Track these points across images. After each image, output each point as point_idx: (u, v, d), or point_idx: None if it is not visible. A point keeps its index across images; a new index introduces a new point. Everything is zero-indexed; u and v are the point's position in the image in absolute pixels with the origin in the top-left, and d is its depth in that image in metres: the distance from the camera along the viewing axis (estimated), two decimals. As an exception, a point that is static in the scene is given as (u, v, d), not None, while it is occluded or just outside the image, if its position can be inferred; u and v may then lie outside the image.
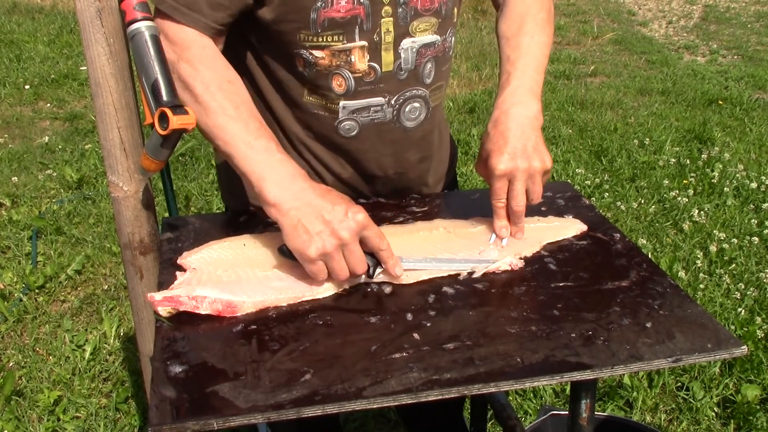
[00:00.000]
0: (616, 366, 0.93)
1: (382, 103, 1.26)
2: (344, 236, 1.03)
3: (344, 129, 1.28)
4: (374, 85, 1.24)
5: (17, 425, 2.15)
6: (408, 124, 1.31)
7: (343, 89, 1.23)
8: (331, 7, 1.16)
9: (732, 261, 2.99)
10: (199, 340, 0.98)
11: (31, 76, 5.33)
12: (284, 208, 1.05)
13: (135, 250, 1.33)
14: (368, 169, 1.34)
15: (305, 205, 1.04)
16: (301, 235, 1.03)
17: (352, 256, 1.04)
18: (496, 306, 1.05)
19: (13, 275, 2.89)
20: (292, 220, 1.04)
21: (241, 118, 1.10)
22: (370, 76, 1.23)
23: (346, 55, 1.20)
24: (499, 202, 1.20)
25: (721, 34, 7.30)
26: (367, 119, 1.28)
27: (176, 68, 1.12)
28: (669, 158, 4.03)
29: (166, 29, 1.14)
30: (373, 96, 1.25)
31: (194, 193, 3.64)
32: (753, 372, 2.33)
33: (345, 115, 1.26)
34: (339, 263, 1.04)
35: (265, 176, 1.07)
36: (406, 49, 1.23)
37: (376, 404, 0.87)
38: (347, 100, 1.25)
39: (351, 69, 1.22)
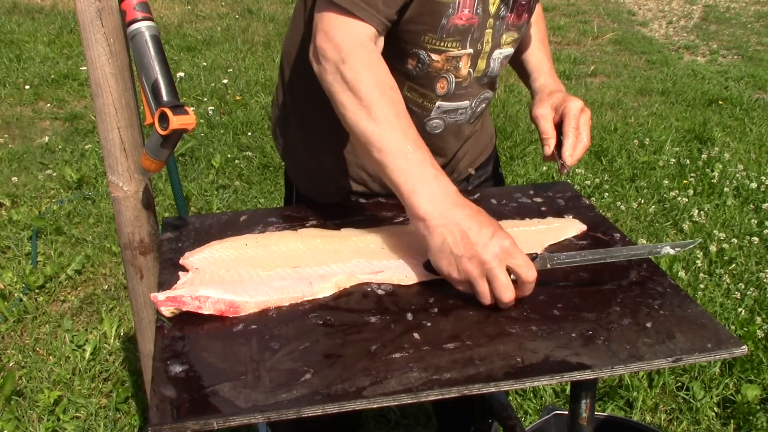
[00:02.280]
0: (616, 366, 0.93)
1: (466, 106, 1.36)
2: (488, 260, 1.00)
3: (431, 126, 1.35)
4: (466, 90, 1.32)
5: (17, 425, 2.15)
6: (473, 121, 1.42)
7: (444, 91, 1.30)
8: (456, 14, 1.20)
9: (732, 261, 2.99)
10: (200, 340, 0.98)
11: (31, 76, 5.33)
12: (432, 225, 1.04)
13: (135, 250, 1.33)
14: (437, 157, 1.36)
15: (452, 224, 1.02)
16: (446, 256, 1.03)
17: (496, 282, 1.00)
18: (496, 306, 1.05)
19: (13, 275, 2.89)
20: (439, 238, 1.03)
21: (401, 128, 1.08)
22: (466, 81, 1.31)
23: (456, 61, 1.27)
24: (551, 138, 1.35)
25: (721, 34, 7.29)
26: (452, 120, 1.36)
27: (340, 68, 1.09)
28: (669, 158, 4.03)
29: (333, 29, 1.11)
30: (462, 99, 1.34)
31: (194, 193, 3.64)
32: (753, 372, 2.33)
33: (436, 114, 1.33)
34: (483, 287, 1.02)
35: (417, 190, 1.05)
36: (495, 59, 1.32)
37: (376, 404, 0.87)
38: (443, 101, 1.31)
39: (456, 74, 1.28)
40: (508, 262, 1.01)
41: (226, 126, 4.46)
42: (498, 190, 1.45)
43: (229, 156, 4.03)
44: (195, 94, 5.02)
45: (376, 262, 1.15)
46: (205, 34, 6.54)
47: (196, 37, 6.46)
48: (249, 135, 4.33)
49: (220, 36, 6.52)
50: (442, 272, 1.05)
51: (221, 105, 4.85)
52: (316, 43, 1.13)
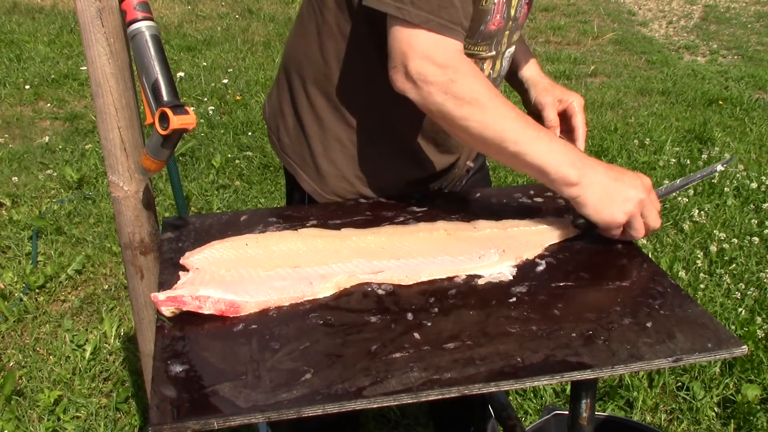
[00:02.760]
0: (617, 366, 0.93)
1: None
2: (642, 196, 1.15)
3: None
4: None
5: (17, 425, 2.16)
6: None
7: None
8: (491, 20, 1.24)
9: (732, 261, 2.99)
10: (200, 340, 0.98)
11: (31, 76, 5.33)
12: (586, 184, 1.15)
13: (135, 250, 1.33)
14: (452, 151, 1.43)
15: (602, 178, 1.15)
16: (609, 205, 1.15)
17: (650, 212, 1.16)
18: (496, 306, 1.05)
19: (14, 275, 2.89)
20: (597, 193, 1.15)
21: (521, 119, 1.17)
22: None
23: (481, 63, 1.30)
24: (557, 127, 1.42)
25: (721, 34, 7.29)
26: None
27: (450, 88, 1.13)
28: (669, 158, 4.03)
29: (429, 51, 1.13)
30: None
31: (194, 193, 3.64)
32: (753, 372, 2.33)
33: None
34: (639, 222, 1.16)
35: (560, 162, 1.15)
36: (506, 58, 1.37)
37: (377, 404, 0.87)
38: None
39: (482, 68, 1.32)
40: (651, 195, 1.17)
41: (226, 126, 4.46)
42: (498, 190, 1.45)
43: (230, 156, 4.03)
44: (195, 94, 5.02)
45: (377, 262, 1.15)
46: (205, 34, 6.54)
47: (196, 37, 6.46)
48: (249, 135, 4.33)
49: (220, 36, 6.52)
50: (604, 221, 1.17)
51: (221, 105, 4.85)
52: (411, 67, 1.14)
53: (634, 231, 1.17)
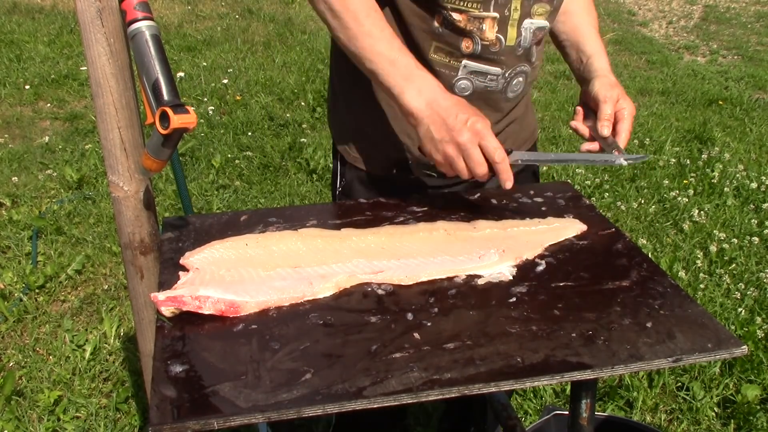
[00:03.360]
0: (617, 366, 0.93)
1: (498, 73, 1.39)
2: (462, 142, 1.16)
3: (459, 87, 1.38)
4: (497, 56, 1.36)
5: (17, 425, 2.16)
6: (510, 95, 1.44)
7: (470, 50, 1.34)
8: None
9: (732, 261, 2.99)
10: (200, 340, 0.98)
11: (31, 76, 5.33)
12: (419, 116, 1.19)
13: (135, 250, 1.33)
14: None
15: (435, 114, 1.18)
16: (430, 141, 1.19)
17: (470, 161, 1.17)
18: (496, 306, 1.05)
19: (14, 275, 2.89)
20: (424, 126, 1.19)
21: (386, 39, 1.21)
22: (495, 46, 1.34)
23: (479, 22, 1.31)
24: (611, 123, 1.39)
25: (721, 34, 7.29)
26: (482, 85, 1.39)
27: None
28: (669, 158, 4.03)
29: None
30: (492, 65, 1.37)
31: (194, 193, 3.64)
32: (753, 372, 2.33)
33: (463, 74, 1.37)
34: (460, 165, 1.18)
35: (405, 88, 1.19)
36: (527, 28, 1.36)
37: (377, 404, 0.87)
38: (470, 60, 1.35)
39: (481, 36, 1.33)
40: (480, 143, 1.16)
41: (226, 126, 4.46)
42: (498, 190, 1.45)
43: (230, 156, 4.03)
44: (195, 94, 5.02)
45: (376, 262, 1.15)
46: (205, 34, 6.54)
47: (196, 37, 6.46)
48: (249, 135, 4.33)
49: (220, 36, 6.52)
50: (427, 156, 1.21)
51: (221, 105, 4.85)
52: None
53: (458, 173, 1.20)
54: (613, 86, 1.43)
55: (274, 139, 4.30)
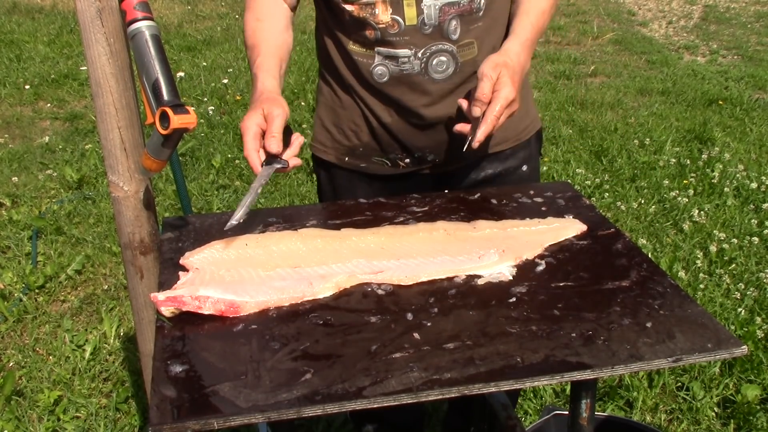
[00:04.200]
0: (616, 366, 0.93)
1: (408, 54, 1.39)
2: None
3: (377, 74, 1.42)
4: (399, 37, 1.37)
5: (17, 425, 2.15)
6: (436, 76, 1.41)
7: (373, 37, 1.38)
8: None
9: (732, 261, 2.99)
10: (200, 340, 0.98)
11: (31, 76, 5.33)
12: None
13: (135, 250, 1.33)
14: (407, 116, 1.46)
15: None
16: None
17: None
18: (496, 306, 1.05)
19: (13, 275, 2.89)
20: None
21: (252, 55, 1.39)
22: (393, 28, 1.36)
23: (371, 8, 1.35)
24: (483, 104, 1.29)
25: (721, 34, 7.29)
26: (396, 69, 1.40)
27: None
28: (669, 158, 4.02)
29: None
30: (399, 47, 1.38)
31: (194, 193, 3.64)
32: (753, 372, 2.33)
33: (379, 61, 1.41)
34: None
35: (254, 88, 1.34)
36: (429, 5, 1.35)
37: (377, 404, 0.87)
38: (379, 46, 1.39)
39: (375, 20, 1.36)
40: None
41: (226, 126, 4.46)
42: (498, 190, 1.45)
43: (229, 156, 4.03)
44: (195, 94, 5.02)
45: (376, 262, 1.15)
46: (205, 34, 6.54)
47: (196, 37, 6.46)
48: (249, 135, 4.33)
49: (220, 36, 6.52)
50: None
51: (221, 105, 4.85)
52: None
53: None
54: (500, 65, 1.29)
55: (274, 139, 4.30)
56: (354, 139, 1.52)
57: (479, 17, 1.40)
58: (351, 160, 1.54)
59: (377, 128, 1.49)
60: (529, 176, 1.59)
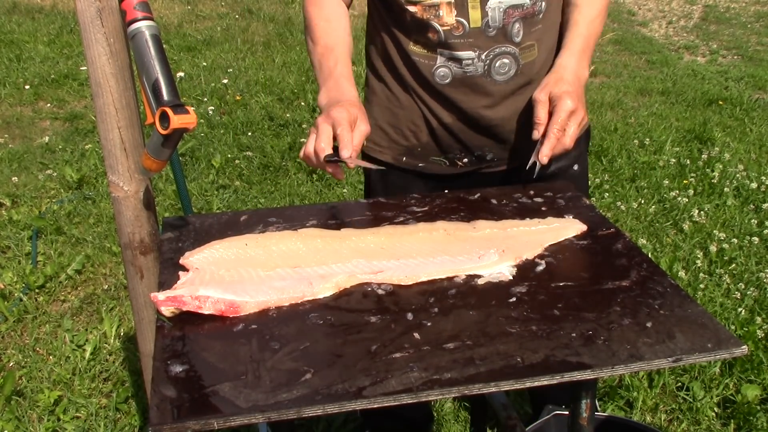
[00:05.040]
0: (616, 366, 0.93)
1: (472, 57, 1.40)
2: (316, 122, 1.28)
3: (439, 75, 1.43)
4: (463, 39, 1.38)
5: (17, 425, 2.15)
6: (498, 78, 1.44)
7: (436, 39, 1.39)
8: None
9: (732, 261, 2.99)
10: (200, 340, 0.98)
11: (31, 76, 5.33)
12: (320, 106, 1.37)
13: (135, 250, 1.33)
14: (468, 117, 1.47)
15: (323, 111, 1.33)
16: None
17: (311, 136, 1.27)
18: (496, 306, 1.05)
19: (13, 275, 2.89)
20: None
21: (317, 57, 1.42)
22: (458, 30, 1.37)
23: (435, 10, 1.36)
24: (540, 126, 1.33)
25: (721, 34, 7.29)
26: (460, 71, 1.42)
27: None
28: (669, 158, 4.02)
29: None
30: (463, 49, 1.39)
31: (194, 193, 3.64)
32: (753, 372, 2.33)
33: (441, 63, 1.42)
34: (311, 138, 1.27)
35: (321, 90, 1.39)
36: (494, 8, 1.37)
37: (377, 404, 0.87)
38: (442, 48, 1.40)
39: (440, 22, 1.37)
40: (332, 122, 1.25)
41: (226, 126, 4.46)
42: (498, 190, 1.45)
43: (229, 156, 4.03)
44: (195, 94, 5.02)
45: (376, 262, 1.15)
46: (205, 34, 6.54)
47: (196, 37, 6.46)
48: (249, 135, 4.33)
49: (220, 36, 6.52)
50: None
51: (221, 105, 4.85)
52: None
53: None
54: (547, 86, 1.34)
55: (274, 139, 4.30)
56: (413, 139, 1.52)
57: (540, 19, 1.43)
58: (408, 160, 1.54)
59: (437, 128, 1.49)
60: (580, 175, 1.59)
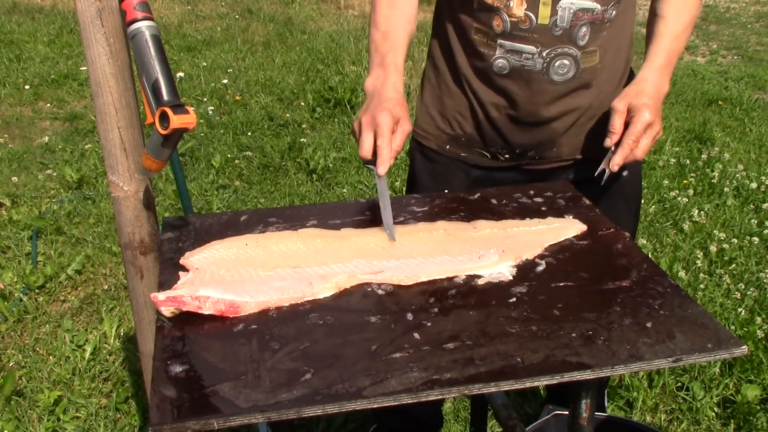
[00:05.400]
0: (616, 366, 0.93)
1: (533, 52, 1.41)
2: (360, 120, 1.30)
3: (497, 66, 1.44)
4: (528, 34, 1.39)
5: (17, 425, 2.15)
6: (555, 78, 1.44)
7: (500, 29, 1.40)
8: None
9: (732, 261, 2.99)
10: (200, 340, 0.98)
11: (31, 76, 5.33)
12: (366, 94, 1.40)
13: (135, 250, 1.33)
14: (518, 113, 1.48)
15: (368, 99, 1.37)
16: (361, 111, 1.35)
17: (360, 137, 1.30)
18: (496, 306, 1.05)
19: (13, 275, 2.89)
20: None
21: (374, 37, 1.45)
22: (525, 23, 1.38)
23: (507, 1, 1.37)
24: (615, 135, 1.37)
25: (721, 34, 7.29)
26: (518, 64, 1.42)
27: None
28: (669, 158, 4.03)
29: None
30: (526, 43, 1.40)
31: (194, 193, 3.64)
32: (753, 372, 2.33)
33: (500, 54, 1.43)
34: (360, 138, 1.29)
35: (370, 73, 1.42)
36: (564, 8, 1.37)
37: (377, 404, 0.87)
38: (504, 39, 1.41)
39: (509, 12, 1.38)
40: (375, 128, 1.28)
41: (226, 126, 4.46)
42: (498, 190, 1.45)
43: (229, 156, 4.03)
44: (195, 94, 5.02)
45: (376, 262, 1.15)
46: (205, 34, 6.54)
47: (196, 37, 6.46)
48: (249, 135, 4.33)
49: (220, 36, 6.52)
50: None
51: (221, 105, 4.85)
52: None
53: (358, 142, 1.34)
54: (627, 96, 1.37)
55: (274, 139, 4.30)
56: (458, 128, 1.54)
57: (606, 26, 1.43)
58: (452, 149, 1.56)
59: (483, 121, 1.51)
60: (629, 181, 1.55)
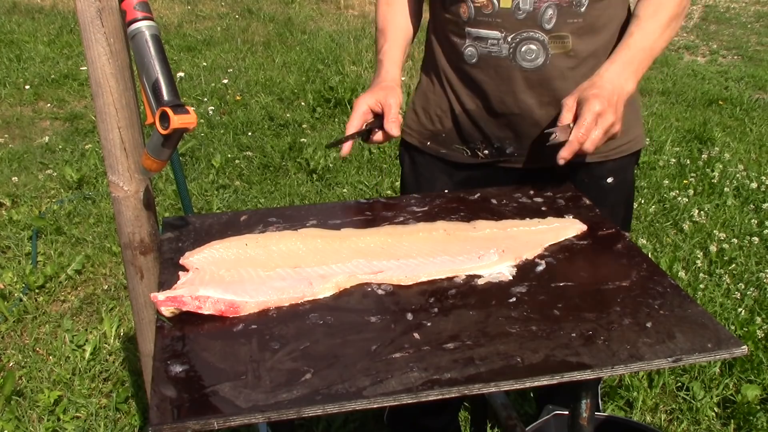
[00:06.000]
0: (617, 366, 0.93)
1: (498, 37, 1.40)
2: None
3: (467, 55, 1.45)
4: (491, 18, 1.38)
5: (17, 425, 2.15)
6: (524, 64, 1.41)
7: (466, 16, 1.41)
8: None
9: (732, 261, 2.99)
10: (200, 340, 0.98)
11: (31, 76, 5.33)
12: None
13: (135, 250, 1.33)
14: (491, 104, 1.47)
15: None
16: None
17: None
18: (496, 306, 1.05)
19: (13, 275, 2.89)
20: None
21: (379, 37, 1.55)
22: (488, 8, 1.38)
23: None
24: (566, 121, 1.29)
25: (721, 34, 7.29)
26: (485, 51, 1.42)
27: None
28: (669, 158, 4.03)
29: None
30: (490, 28, 1.40)
31: (194, 193, 3.64)
32: (753, 372, 2.33)
33: (469, 42, 1.43)
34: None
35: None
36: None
37: (376, 404, 0.87)
38: (470, 27, 1.42)
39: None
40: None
41: (226, 126, 4.46)
42: (498, 190, 1.45)
43: (229, 156, 4.03)
44: (195, 94, 5.02)
45: (376, 262, 1.15)
46: (205, 34, 6.54)
47: (196, 37, 6.46)
48: (249, 135, 4.33)
49: (220, 36, 6.52)
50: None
51: (221, 105, 4.85)
52: None
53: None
54: (580, 89, 1.30)
55: (274, 139, 4.30)
56: (438, 124, 1.55)
57: (579, 12, 1.37)
58: (433, 145, 1.57)
59: (460, 114, 1.52)
60: (615, 188, 1.53)
